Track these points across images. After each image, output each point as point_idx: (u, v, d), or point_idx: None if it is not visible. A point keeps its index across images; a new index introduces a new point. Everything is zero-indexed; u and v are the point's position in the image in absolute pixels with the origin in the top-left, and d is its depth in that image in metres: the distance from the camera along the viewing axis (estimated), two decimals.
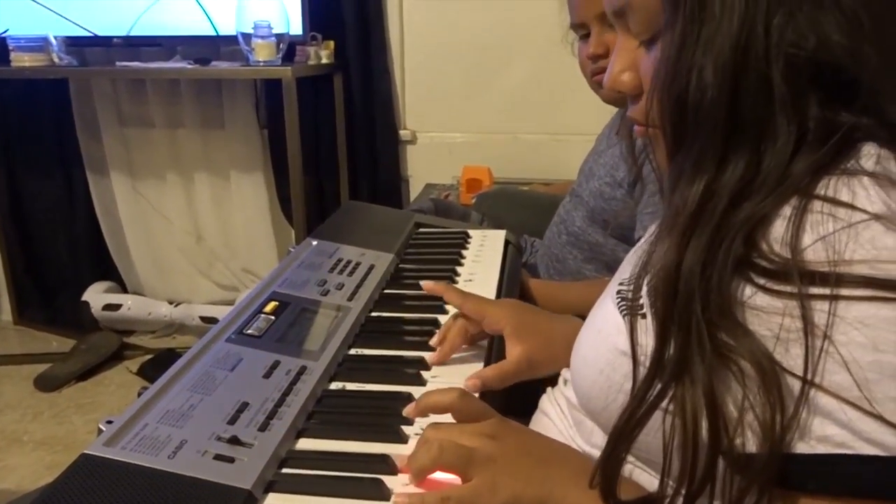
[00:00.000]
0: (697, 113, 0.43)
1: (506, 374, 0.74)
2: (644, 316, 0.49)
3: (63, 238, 2.65)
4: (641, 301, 0.50)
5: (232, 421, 0.62)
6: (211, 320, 2.37)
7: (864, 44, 0.41)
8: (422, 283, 0.85)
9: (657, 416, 0.45)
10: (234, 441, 0.59)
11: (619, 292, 0.55)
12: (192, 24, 2.18)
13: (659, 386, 0.44)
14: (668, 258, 0.44)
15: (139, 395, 0.65)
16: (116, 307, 2.49)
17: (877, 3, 0.42)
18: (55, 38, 2.16)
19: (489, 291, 0.98)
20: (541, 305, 1.12)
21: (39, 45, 2.16)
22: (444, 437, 0.55)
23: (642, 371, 0.46)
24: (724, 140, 0.43)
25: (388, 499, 0.55)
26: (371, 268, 1.01)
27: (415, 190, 2.33)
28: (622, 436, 0.47)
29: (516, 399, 0.76)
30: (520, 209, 1.70)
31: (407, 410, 0.64)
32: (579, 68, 1.18)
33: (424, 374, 0.75)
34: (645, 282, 0.48)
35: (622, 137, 0.85)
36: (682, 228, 0.43)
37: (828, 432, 0.38)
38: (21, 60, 2.16)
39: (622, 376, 0.51)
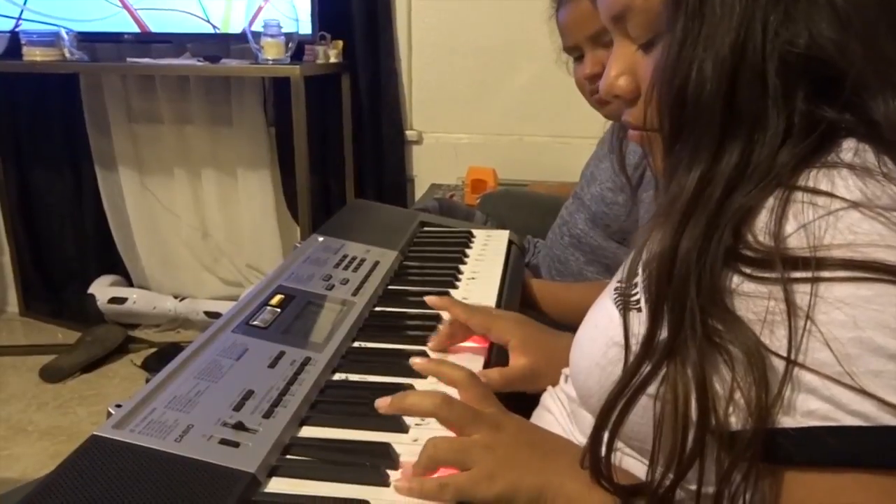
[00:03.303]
0: (696, 105, 0.45)
1: (509, 378, 0.76)
2: (640, 310, 0.51)
3: (70, 231, 2.67)
4: (636, 293, 0.51)
5: (237, 408, 0.63)
6: (215, 315, 2.39)
7: (852, 40, 0.43)
8: (426, 298, 0.85)
9: (647, 402, 0.47)
10: (240, 427, 0.61)
11: (616, 289, 0.57)
12: (202, 23, 2.20)
13: (648, 367, 0.46)
14: (665, 243, 0.45)
15: (147, 381, 0.67)
16: (122, 301, 2.51)
17: (869, 8, 0.44)
18: (67, 32, 2.18)
19: (491, 290, 1.00)
20: (542, 305, 1.14)
21: (51, 39, 2.18)
22: (443, 437, 0.56)
23: (633, 356, 0.48)
24: (721, 131, 0.45)
25: (387, 485, 0.56)
26: (376, 264, 1.03)
27: (420, 190, 2.35)
28: (609, 413, 0.48)
29: (518, 396, 0.77)
30: (524, 210, 1.71)
31: (379, 403, 0.62)
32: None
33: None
34: (640, 268, 0.50)
35: (612, 151, 0.87)
36: (679, 214, 0.45)
37: (812, 407, 0.40)
38: (33, 55, 2.18)
39: (615, 366, 0.53)
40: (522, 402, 0.76)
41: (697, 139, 0.45)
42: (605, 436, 0.49)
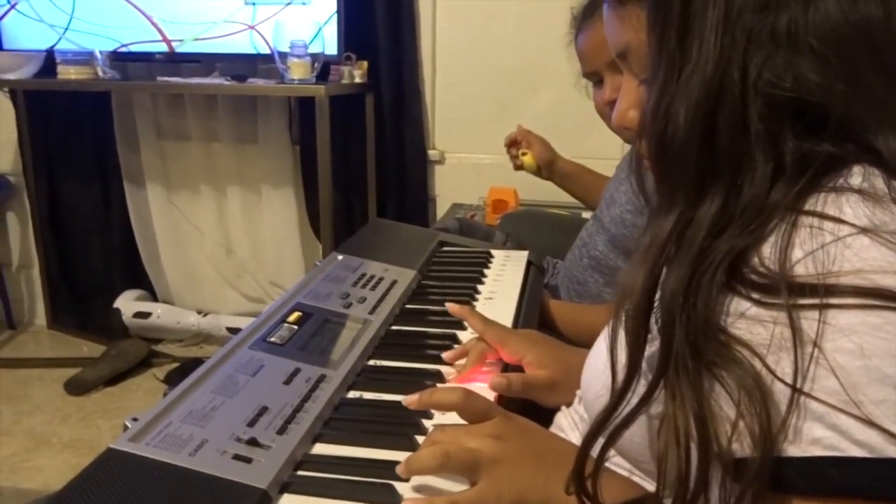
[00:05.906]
0: (673, 150, 0.45)
1: (530, 382, 0.76)
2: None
3: (98, 246, 2.72)
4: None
5: (252, 423, 0.64)
6: (237, 331, 2.40)
7: (837, 81, 0.43)
8: (446, 304, 0.87)
9: (652, 426, 0.46)
10: (253, 442, 0.61)
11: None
12: (230, 42, 2.25)
13: (631, 404, 0.46)
14: (640, 284, 0.46)
15: (164, 395, 0.68)
16: (146, 315, 2.54)
17: (848, 45, 0.43)
18: (100, 52, 2.24)
19: (509, 310, 1.00)
20: (560, 326, 1.13)
21: (85, 58, 2.24)
22: (451, 441, 0.56)
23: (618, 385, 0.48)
24: (699, 176, 0.45)
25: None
26: (394, 283, 1.04)
27: (441, 209, 2.36)
28: (589, 442, 0.48)
29: (533, 411, 0.77)
30: (544, 231, 1.71)
31: (408, 400, 0.64)
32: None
33: (441, 386, 0.77)
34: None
35: (631, 173, 0.87)
36: (653, 258, 0.45)
37: (818, 435, 0.39)
38: (67, 73, 2.24)
39: None
40: (537, 417, 0.76)
41: (676, 182, 0.46)
42: (591, 458, 0.49)
